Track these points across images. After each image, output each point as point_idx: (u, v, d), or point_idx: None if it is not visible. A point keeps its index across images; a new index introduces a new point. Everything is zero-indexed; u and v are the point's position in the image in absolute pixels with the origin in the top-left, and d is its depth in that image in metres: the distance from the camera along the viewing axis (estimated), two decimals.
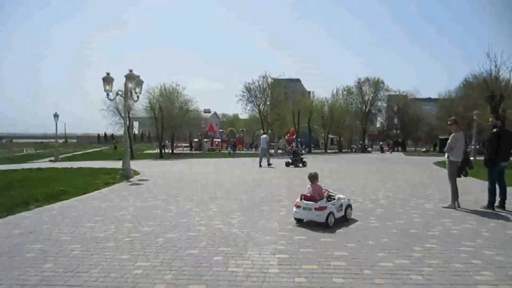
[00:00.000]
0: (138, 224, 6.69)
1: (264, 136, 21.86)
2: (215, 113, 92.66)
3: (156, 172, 17.02)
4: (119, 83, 14.32)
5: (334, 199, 6.84)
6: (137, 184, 12.58)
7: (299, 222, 6.72)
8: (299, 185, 11.56)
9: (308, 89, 74.83)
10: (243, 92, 37.02)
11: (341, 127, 47.41)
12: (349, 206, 6.96)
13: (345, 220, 6.81)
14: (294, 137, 48.18)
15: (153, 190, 10.98)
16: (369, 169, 18.95)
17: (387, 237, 5.85)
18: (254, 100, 36.92)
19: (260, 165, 20.17)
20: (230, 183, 12.58)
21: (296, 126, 42.73)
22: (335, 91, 51.31)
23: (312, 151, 43.53)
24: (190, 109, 41.94)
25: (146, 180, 13.75)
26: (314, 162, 22.56)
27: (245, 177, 14.50)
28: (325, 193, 6.81)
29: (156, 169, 19.38)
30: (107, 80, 14.57)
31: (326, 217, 6.45)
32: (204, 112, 75.82)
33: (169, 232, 6.14)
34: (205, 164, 22.68)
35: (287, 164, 20.83)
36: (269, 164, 20.82)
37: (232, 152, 37.70)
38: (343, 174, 15.80)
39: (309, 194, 6.74)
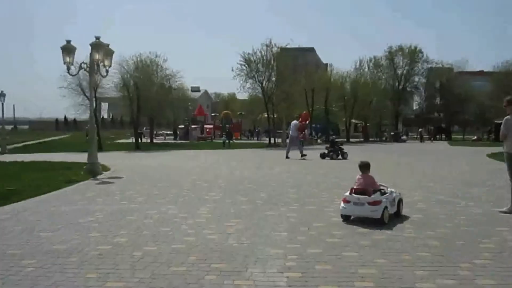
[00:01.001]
0: (108, 233, 6.68)
1: (295, 122, 22.98)
2: (205, 92, 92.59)
3: (131, 167, 17.20)
4: (82, 54, 14.43)
5: (386, 192, 7.40)
6: (107, 182, 12.67)
7: (346, 219, 7.29)
8: (331, 184, 12.11)
9: (324, 61, 74.33)
10: (241, 65, 36.69)
11: (367, 109, 47.36)
12: (401, 200, 7.62)
13: (397, 216, 7.44)
14: (307, 122, 48.23)
15: (127, 190, 11.05)
16: (403, 162, 19.05)
17: (426, 250, 5.78)
18: (256, 76, 36.62)
19: (287, 156, 21.42)
20: (226, 181, 12.75)
21: (310, 108, 42.68)
22: (358, 63, 50.99)
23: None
24: (174, 86, 41.99)
25: (119, 177, 13.83)
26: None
27: (247, 174, 14.79)
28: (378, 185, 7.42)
29: (131, 163, 19.55)
30: (68, 50, 14.38)
31: (382, 213, 6.92)
32: (192, 91, 75.67)
33: (148, 244, 6.08)
34: (193, 158, 23.01)
35: (323, 156, 21.49)
36: (302, 156, 21.41)
37: (227, 142, 37.93)
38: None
39: (360, 187, 7.21)
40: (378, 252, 5.71)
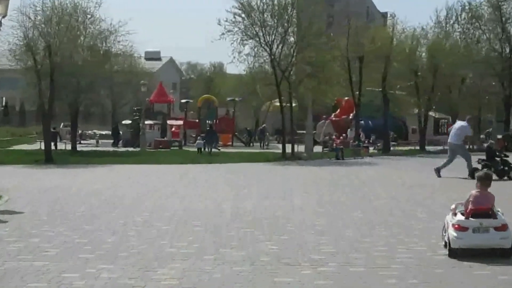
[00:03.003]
0: None
1: (462, 124, 23.43)
2: (170, 60, 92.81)
3: (37, 194, 17.54)
4: None
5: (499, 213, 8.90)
6: None
7: (463, 254, 8.51)
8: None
9: (381, 9, 73.74)
10: (234, 15, 36.47)
11: (456, 93, 47.50)
12: None
13: None
14: (350, 117, 47.81)
15: (29, 237, 11.04)
16: None
17: None
18: (260, 33, 36.54)
19: (439, 174, 23.00)
20: (205, 222, 12.83)
21: (356, 92, 42.76)
22: (441, 14, 50.88)
23: (392, 147, 43.76)
24: (115, 50, 42.02)
25: (15, 212, 14.00)
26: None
27: (247, 206, 14.97)
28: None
29: (37, 185, 19.92)
30: None
31: None
32: (147, 58, 76.28)
33: None
34: (146, 178, 23.56)
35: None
36: (473, 170, 21.53)
37: (207, 150, 38.01)
38: None
39: (481, 206, 8.40)
40: None
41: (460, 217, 8.55)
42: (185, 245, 10.31)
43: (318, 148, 38.29)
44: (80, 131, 48.45)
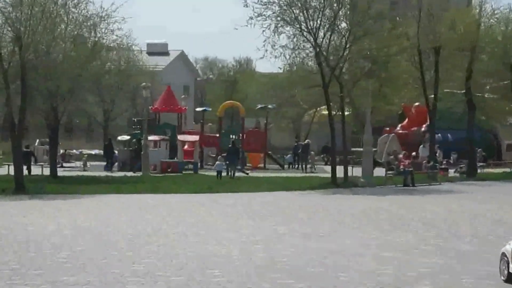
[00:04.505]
0: None
1: None
2: (181, 55, 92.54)
3: (4, 233, 17.65)
4: None
5: None
6: None
7: None
8: None
9: None
10: None
11: None
12: None
13: None
14: (423, 129, 47.42)
15: None
16: None
17: None
18: (302, 17, 36.44)
19: None
20: (233, 270, 12.71)
21: (431, 96, 42.04)
22: None
23: (480, 169, 42.97)
24: (107, 42, 41.81)
25: None
26: None
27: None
28: None
29: (4, 222, 19.96)
30: None
31: None
32: (150, 53, 76.37)
33: None
34: (150, 214, 23.49)
35: None
36: None
37: (230, 174, 38.30)
38: None
39: None
40: None
41: None
42: None
43: (379, 172, 38.07)
44: (62, 151, 48.61)
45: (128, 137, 50.80)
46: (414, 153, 41.10)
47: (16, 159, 33.78)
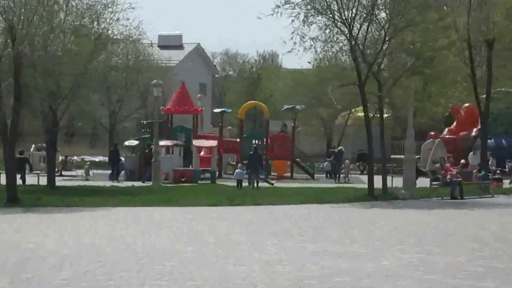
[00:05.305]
0: None
1: None
2: (197, 48, 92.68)
3: None
4: None
5: None
6: None
7: None
8: None
9: None
10: None
11: None
12: None
13: None
14: (473, 133, 47.31)
15: None
16: None
17: None
18: (336, 5, 36.35)
19: None
20: None
21: (482, 96, 42.01)
22: None
23: None
24: (113, 34, 41.74)
25: None
26: None
27: None
28: None
29: None
30: None
31: None
32: (161, 47, 77.12)
33: None
34: (161, 229, 23.59)
35: None
36: None
37: (253, 184, 38.72)
38: None
39: None
40: None
41: None
42: None
43: (423, 182, 37.98)
44: (61, 157, 48.77)
45: (136, 142, 50.90)
46: (463, 161, 40.96)
47: (8, 166, 33.64)
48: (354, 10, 35.91)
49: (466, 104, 49.13)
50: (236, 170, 41.37)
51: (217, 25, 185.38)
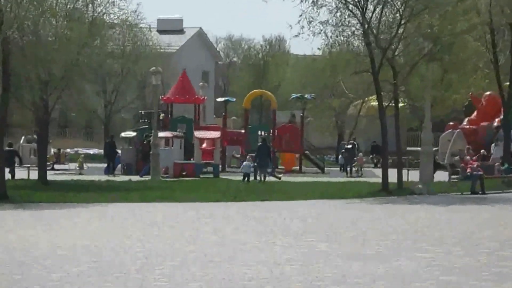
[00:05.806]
0: None
1: None
2: (199, 33, 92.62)
3: None
4: None
5: None
6: None
7: None
8: None
9: None
10: None
11: None
12: None
13: None
14: (495, 124, 47.31)
15: None
16: None
17: None
18: None
19: None
20: None
21: (506, 83, 41.62)
22: None
23: None
24: (109, 19, 41.86)
25: None
26: None
27: None
28: None
29: None
30: None
31: None
32: (160, 31, 76.85)
33: None
34: (160, 228, 23.55)
35: None
36: None
37: (259, 178, 39.14)
38: None
39: None
40: None
41: None
42: None
43: (442, 176, 37.97)
44: (53, 150, 48.80)
45: (133, 134, 50.88)
46: (482, 151, 40.88)
47: None
48: None
49: (488, 92, 49.01)
50: (244, 162, 41.36)
51: (221, 7, 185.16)
